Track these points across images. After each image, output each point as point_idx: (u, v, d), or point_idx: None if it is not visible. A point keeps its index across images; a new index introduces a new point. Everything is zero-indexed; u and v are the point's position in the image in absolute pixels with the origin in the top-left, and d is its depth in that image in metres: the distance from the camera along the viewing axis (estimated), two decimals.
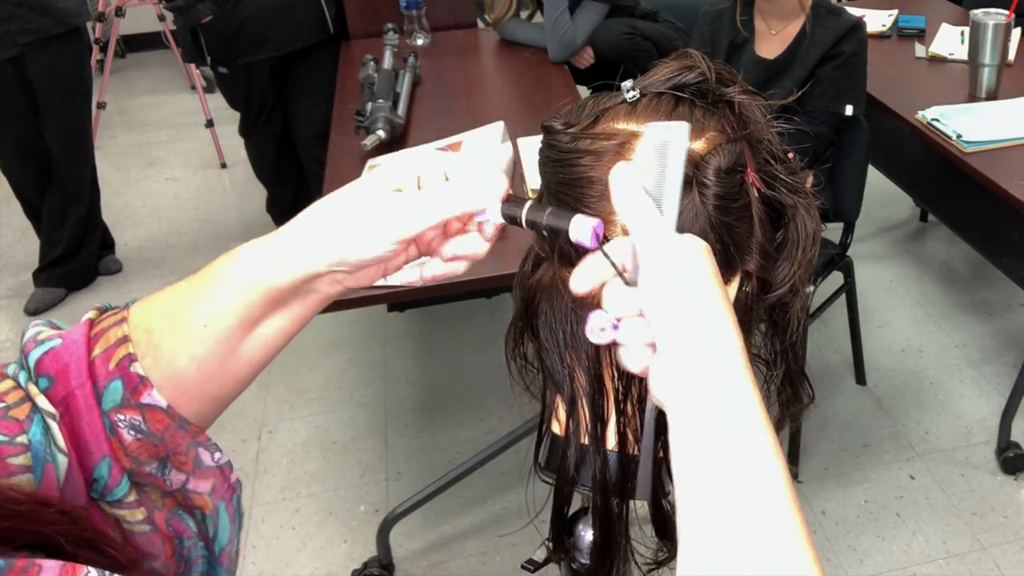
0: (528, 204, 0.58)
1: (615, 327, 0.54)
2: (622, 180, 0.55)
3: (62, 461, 0.55)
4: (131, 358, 0.58)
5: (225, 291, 0.60)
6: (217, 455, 0.62)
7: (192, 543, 0.63)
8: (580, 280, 0.55)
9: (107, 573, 0.44)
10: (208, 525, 0.63)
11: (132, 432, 0.58)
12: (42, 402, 0.56)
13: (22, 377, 0.58)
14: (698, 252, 0.53)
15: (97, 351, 0.58)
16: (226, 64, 2.93)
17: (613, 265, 0.54)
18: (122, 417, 0.58)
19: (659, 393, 0.52)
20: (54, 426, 0.55)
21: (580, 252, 0.57)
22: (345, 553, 2.15)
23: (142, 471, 0.59)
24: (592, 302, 0.63)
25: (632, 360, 0.54)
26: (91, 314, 0.61)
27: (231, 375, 0.62)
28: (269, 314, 0.62)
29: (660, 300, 0.52)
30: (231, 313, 0.60)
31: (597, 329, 0.55)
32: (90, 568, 0.44)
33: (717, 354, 0.50)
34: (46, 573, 0.42)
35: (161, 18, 4.37)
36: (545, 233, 0.57)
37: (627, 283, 0.54)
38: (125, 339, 0.59)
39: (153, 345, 0.59)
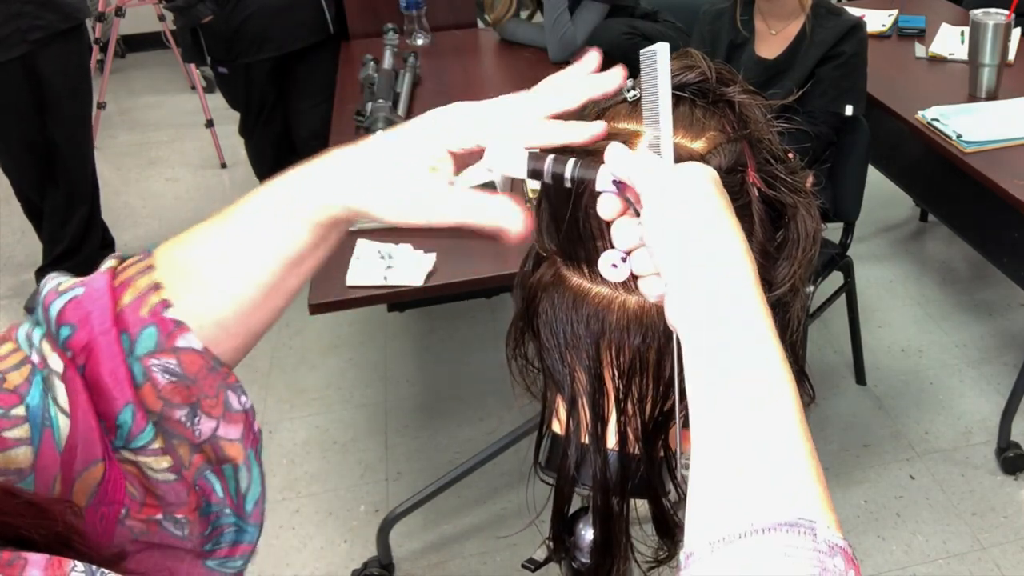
0: (551, 157, 0.58)
1: (624, 260, 0.57)
2: (612, 153, 0.56)
3: (63, 423, 0.54)
4: (165, 304, 0.58)
5: (268, 233, 0.60)
6: (243, 398, 0.63)
7: (219, 508, 0.62)
8: (605, 207, 0.57)
9: (94, 568, 0.44)
10: (240, 479, 0.63)
11: (166, 375, 0.58)
12: (54, 361, 0.56)
13: (37, 334, 0.57)
14: (697, 179, 0.54)
15: (127, 299, 0.58)
16: (226, 64, 2.93)
17: (631, 204, 0.57)
18: (156, 361, 0.58)
19: (673, 325, 0.54)
20: (58, 384, 0.55)
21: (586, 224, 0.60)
22: (345, 553, 2.15)
23: (172, 417, 0.59)
24: (594, 300, 0.63)
25: (648, 290, 0.57)
26: (111, 262, 0.61)
27: (271, 307, 0.63)
28: (314, 249, 0.62)
29: (656, 233, 0.53)
30: (278, 256, 0.60)
31: (608, 266, 0.58)
32: (76, 562, 0.43)
33: (718, 308, 0.50)
34: (32, 566, 0.42)
35: (161, 18, 4.37)
36: (569, 185, 0.57)
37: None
38: (157, 287, 0.59)
39: (191, 284, 0.59)
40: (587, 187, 0.57)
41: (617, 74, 0.61)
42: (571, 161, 0.57)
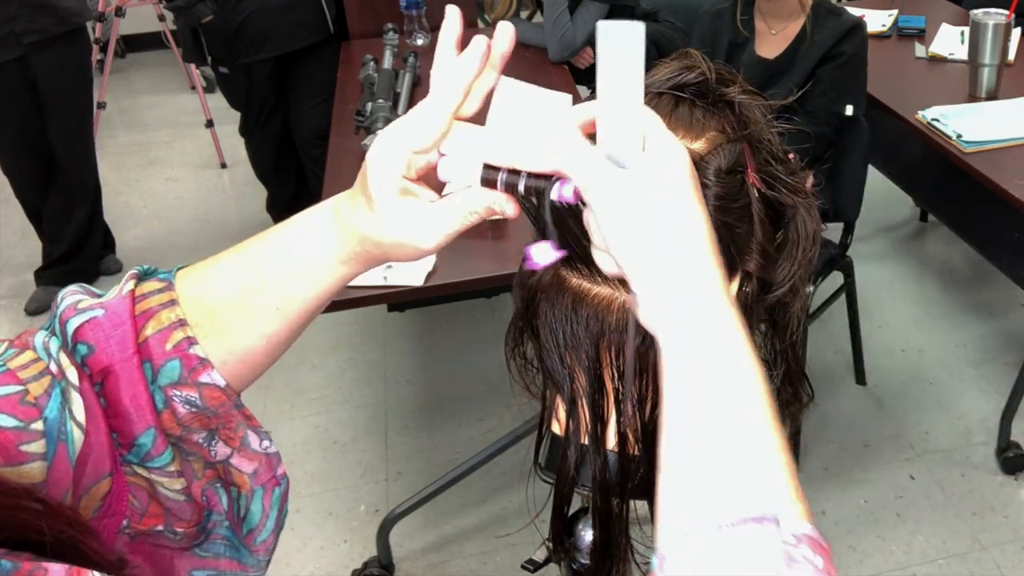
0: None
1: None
2: (566, 161, 0.54)
3: (77, 437, 0.54)
4: (190, 341, 0.58)
5: (298, 277, 0.60)
6: (266, 443, 0.64)
7: (219, 519, 0.63)
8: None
9: None
10: (241, 505, 0.64)
11: (186, 406, 0.59)
12: (72, 374, 0.55)
13: (54, 344, 0.57)
14: (671, 165, 0.51)
15: (149, 331, 0.58)
16: (226, 64, 2.93)
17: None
18: (178, 393, 0.58)
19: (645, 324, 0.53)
20: (75, 397, 0.55)
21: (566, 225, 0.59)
22: (345, 553, 2.15)
23: (191, 439, 0.60)
24: (593, 301, 0.63)
25: (604, 264, 0.56)
26: (130, 285, 0.60)
27: (291, 340, 0.64)
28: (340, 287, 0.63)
29: (619, 237, 0.51)
30: (307, 297, 0.61)
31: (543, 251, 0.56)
32: (95, 572, 0.44)
33: (686, 312, 0.50)
34: None
35: (161, 18, 4.36)
36: (523, 193, 0.56)
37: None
38: (181, 323, 0.59)
39: (218, 325, 0.60)
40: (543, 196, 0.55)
41: (480, 41, 0.59)
42: (524, 172, 0.56)
